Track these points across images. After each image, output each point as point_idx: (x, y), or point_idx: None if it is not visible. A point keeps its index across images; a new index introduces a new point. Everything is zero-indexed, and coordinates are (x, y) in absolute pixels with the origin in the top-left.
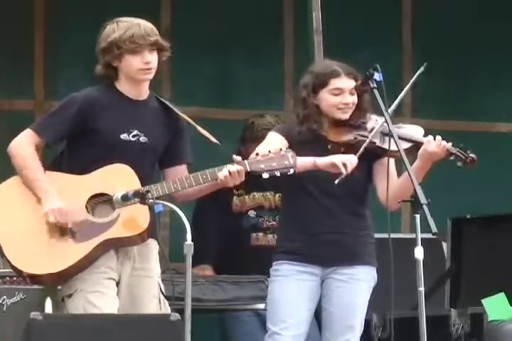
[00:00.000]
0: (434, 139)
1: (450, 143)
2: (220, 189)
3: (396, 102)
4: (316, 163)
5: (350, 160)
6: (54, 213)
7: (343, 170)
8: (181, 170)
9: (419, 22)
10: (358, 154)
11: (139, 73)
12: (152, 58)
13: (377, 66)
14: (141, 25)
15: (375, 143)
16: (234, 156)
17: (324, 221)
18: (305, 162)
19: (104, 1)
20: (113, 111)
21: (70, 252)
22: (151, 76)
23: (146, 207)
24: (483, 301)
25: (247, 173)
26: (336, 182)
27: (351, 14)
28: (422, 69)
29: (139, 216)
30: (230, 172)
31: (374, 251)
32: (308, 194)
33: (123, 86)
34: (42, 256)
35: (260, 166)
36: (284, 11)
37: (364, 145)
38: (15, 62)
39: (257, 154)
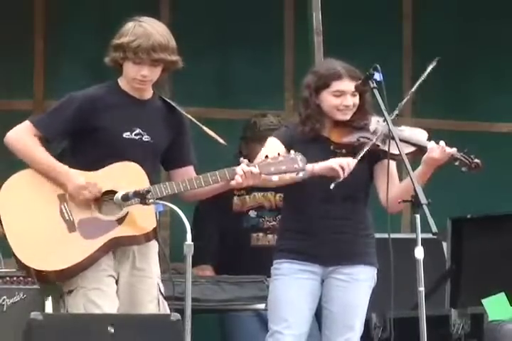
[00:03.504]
0: (438, 144)
1: (454, 149)
2: None
3: (404, 101)
4: (313, 170)
5: (348, 163)
6: (86, 188)
7: (341, 173)
8: (188, 170)
9: (419, 22)
10: (358, 156)
11: (133, 81)
12: (150, 72)
13: (377, 66)
14: (152, 38)
15: (378, 145)
16: (241, 159)
17: (325, 221)
18: None
19: (104, 1)
20: (116, 110)
21: (78, 249)
22: (144, 87)
23: (152, 207)
24: (483, 301)
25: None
26: (332, 186)
27: (351, 14)
28: (434, 63)
29: (146, 215)
30: (244, 172)
31: (375, 251)
32: (309, 194)
33: (125, 84)
34: (50, 252)
35: (270, 169)
36: (285, 10)
37: (365, 148)
38: (15, 62)
39: (267, 157)
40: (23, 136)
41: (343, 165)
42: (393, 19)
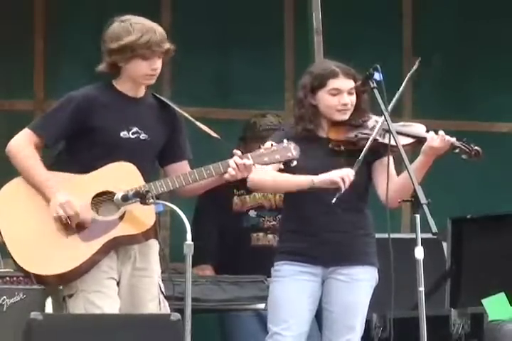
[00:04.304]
0: (437, 134)
1: (454, 138)
2: (220, 188)
3: (395, 99)
4: (313, 182)
5: (348, 174)
6: (62, 206)
7: (341, 185)
8: (183, 166)
9: (419, 22)
10: (356, 167)
11: (144, 78)
12: (159, 65)
13: (377, 66)
14: (157, 31)
15: (377, 140)
16: (234, 151)
17: (325, 220)
18: (302, 181)
19: (104, 1)
20: (112, 109)
21: (78, 252)
22: (153, 81)
23: (151, 206)
24: (483, 301)
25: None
26: (334, 200)
27: (351, 14)
28: (416, 64)
29: (144, 214)
30: (236, 165)
31: (375, 251)
32: (309, 194)
33: (122, 84)
34: (49, 256)
35: (264, 159)
36: (285, 11)
37: (367, 144)
38: (15, 62)
39: (260, 147)
40: (22, 149)
41: (344, 176)
42: (393, 19)
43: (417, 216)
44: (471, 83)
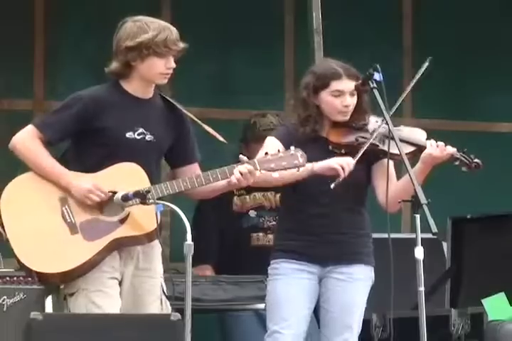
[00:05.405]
0: (437, 143)
1: (454, 149)
2: None
3: (400, 100)
4: (313, 169)
5: (348, 163)
6: (94, 192)
7: (341, 172)
8: (192, 168)
9: (419, 22)
10: (357, 156)
11: (158, 77)
12: (174, 64)
13: (377, 66)
14: (173, 30)
15: (378, 145)
16: (241, 156)
17: (323, 221)
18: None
19: (104, 1)
20: (118, 110)
21: (81, 251)
22: (166, 80)
23: (153, 207)
24: (483, 301)
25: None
26: (332, 186)
27: (351, 14)
28: (426, 63)
29: (147, 215)
30: (241, 174)
31: (372, 250)
32: (307, 194)
33: (130, 84)
34: (52, 255)
35: (270, 165)
36: (285, 10)
37: (363, 147)
38: (15, 62)
39: (267, 153)
40: (27, 142)
41: (343, 164)
42: (393, 19)
43: (417, 216)
44: (470, 83)
